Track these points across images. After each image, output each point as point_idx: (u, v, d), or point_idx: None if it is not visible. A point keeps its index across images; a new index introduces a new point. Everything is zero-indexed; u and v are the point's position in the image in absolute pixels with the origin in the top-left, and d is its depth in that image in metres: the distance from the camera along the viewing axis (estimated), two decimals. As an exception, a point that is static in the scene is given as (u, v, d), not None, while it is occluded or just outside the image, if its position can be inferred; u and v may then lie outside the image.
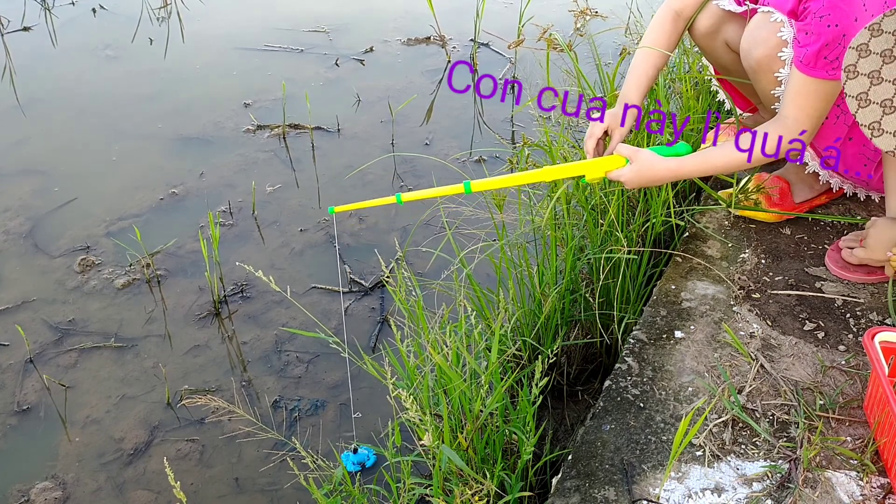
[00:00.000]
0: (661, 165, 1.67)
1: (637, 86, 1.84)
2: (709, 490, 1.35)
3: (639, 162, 1.65)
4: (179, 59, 3.58)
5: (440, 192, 1.64)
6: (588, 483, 1.38)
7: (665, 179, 1.70)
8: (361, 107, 3.22)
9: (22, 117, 3.14)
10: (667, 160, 1.68)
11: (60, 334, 2.18)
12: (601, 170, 1.68)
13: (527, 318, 1.81)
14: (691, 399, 1.52)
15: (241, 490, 1.80)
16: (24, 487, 1.81)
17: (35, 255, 2.45)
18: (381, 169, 2.83)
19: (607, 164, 1.68)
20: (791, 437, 1.44)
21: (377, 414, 1.93)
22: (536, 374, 1.44)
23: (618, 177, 1.67)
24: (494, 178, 1.67)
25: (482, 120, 3.15)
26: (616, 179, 1.68)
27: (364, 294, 2.31)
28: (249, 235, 2.54)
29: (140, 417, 1.96)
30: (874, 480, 1.35)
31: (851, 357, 1.59)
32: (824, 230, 1.96)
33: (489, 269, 1.99)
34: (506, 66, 3.47)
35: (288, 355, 2.12)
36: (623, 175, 1.66)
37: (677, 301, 1.76)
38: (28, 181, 2.76)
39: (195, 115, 3.15)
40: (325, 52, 3.62)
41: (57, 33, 3.75)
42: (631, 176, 1.66)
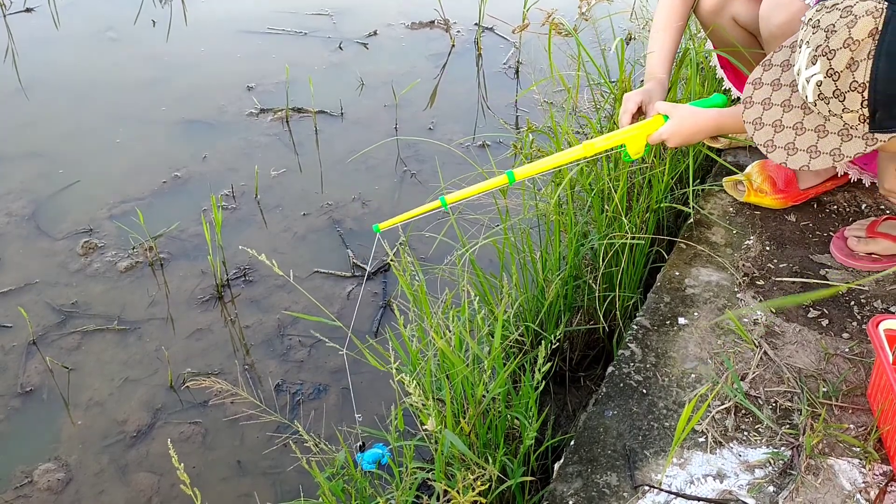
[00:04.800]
0: (703, 116, 1.64)
1: (661, 60, 1.82)
2: (711, 476, 1.35)
3: (678, 116, 1.63)
4: (182, 41, 3.57)
5: (484, 187, 1.58)
6: (590, 468, 1.38)
7: (707, 131, 1.67)
8: (365, 91, 3.20)
9: (24, 100, 3.13)
10: (707, 111, 1.65)
11: (63, 317, 2.18)
12: (642, 135, 1.64)
13: (530, 304, 1.81)
14: (694, 385, 1.52)
15: (243, 473, 1.81)
16: (28, 469, 1.81)
17: (38, 238, 2.45)
18: (384, 153, 2.82)
19: (647, 129, 1.64)
20: (794, 424, 1.43)
21: (380, 398, 1.93)
22: (539, 360, 1.44)
23: (659, 136, 1.64)
24: (535, 163, 1.61)
25: (486, 105, 3.13)
26: (658, 140, 1.64)
27: (367, 278, 2.31)
28: (252, 219, 2.54)
29: (143, 400, 1.97)
30: (877, 468, 1.35)
31: (855, 345, 1.59)
32: (829, 217, 1.95)
33: (492, 254, 1.99)
34: (510, 51, 3.45)
35: (290, 339, 2.12)
36: (664, 132, 1.63)
37: (681, 288, 1.75)
38: (31, 164, 2.76)
39: (198, 98, 3.13)
40: (329, 36, 3.60)
41: (59, 14, 3.73)
42: (673, 130, 1.63)
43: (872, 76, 1.23)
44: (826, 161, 1.35)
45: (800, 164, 1.37)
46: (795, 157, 1.38)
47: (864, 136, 1.31)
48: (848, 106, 1.28)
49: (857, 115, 1.28)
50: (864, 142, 1.32)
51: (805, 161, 1.37)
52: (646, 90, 1.75)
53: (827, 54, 1.26)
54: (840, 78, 1.26)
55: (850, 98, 1.27)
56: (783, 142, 1.39)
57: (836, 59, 1.25)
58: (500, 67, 3.36)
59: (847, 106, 1.28)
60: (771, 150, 1.40)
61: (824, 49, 1.26)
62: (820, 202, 1.99)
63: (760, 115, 1.42)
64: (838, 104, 1.29)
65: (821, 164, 1.35)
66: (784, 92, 1.41)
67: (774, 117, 1.41)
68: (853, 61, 1.24)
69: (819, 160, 1.36)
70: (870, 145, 1.32)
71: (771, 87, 1.43)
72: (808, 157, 1.37)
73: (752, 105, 1.44)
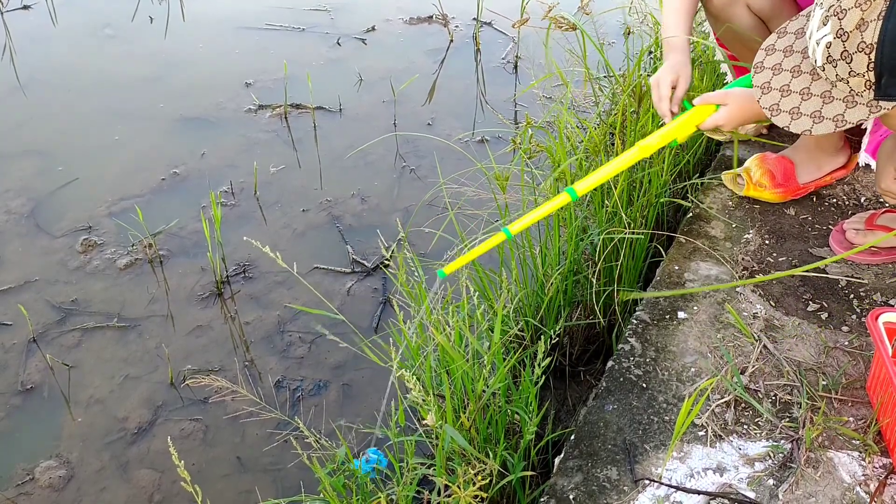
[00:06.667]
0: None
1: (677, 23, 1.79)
2: (711, 470, 1.35)
3: (734, 101, 1.62)
4: (180, 38, 3.56)
5: (546, 210, 1.52)
6: (590, 463, 1.38)
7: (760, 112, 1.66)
8: (363, 86, 3.20)
9: (22, 97, 3.12)
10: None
11: (63, 314, 2.18)
12: (692, 127, 1.63)
13: (529, 299, 1.81)
14: (694, 380, 1.52)
15: (244, 469, 1.81)
16: (29, 466, 1.82)
17: (37, 236, 2.44)
18: (383, 149, 2.81)
19: (696, 119, 1.63)
20: (793, 417, 1.44)
21: (379, 394, 1.93)
22: (539, 355, 1.44)
23: (714, 122, 1.63)
24: (595, 174, 1.57)
25: (485, 100, 3.13)
26: (712, 126, 1.64)
27: (366, 274, 2.31)
28: (251, 216, 2.54)
29: (143, 397, 1.97)
30: (876, 461, 1.35)
31: (855, 338, 1.59)
32: (829, 211, 1.95)
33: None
34: (509, 46, 3.44)
35: (290, 336, 2.12)
36: (720, 117, 1.63)
37: (681, 282, 1.75)
38: (29, 161, 2.75)
39: (196, 95, 3.13)
40: (327, 32, 3.59)
41: (57, 11, 3.72)
42: (729, 116, 1.63)
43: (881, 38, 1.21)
44: (828, 126, 1.34)
45: (802, 129, 1.37)
46: (799, 122, 1.37)
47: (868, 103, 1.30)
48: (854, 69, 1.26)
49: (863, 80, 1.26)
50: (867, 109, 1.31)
51: (808, 126, 1.36)
52: (672, 68, 1.73)
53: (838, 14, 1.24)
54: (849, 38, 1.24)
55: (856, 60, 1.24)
56: (788, 106, 1.39)
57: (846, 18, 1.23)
58: (498, 62, 3.36)
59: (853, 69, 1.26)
60: (775, 113, 1.40)
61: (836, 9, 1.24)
62: (819, 196, 1.99)
63: (769, 79, 1.42)
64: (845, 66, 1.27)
65: (823, 130, 1.35)
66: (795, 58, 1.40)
67: (782, 82, 1.40)
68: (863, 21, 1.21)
69: (822, 125, 1.35)
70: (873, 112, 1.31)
71: (783, 54, 1.42)
72: (811, 122, 1.36)
73: (762, 70, 1.43)
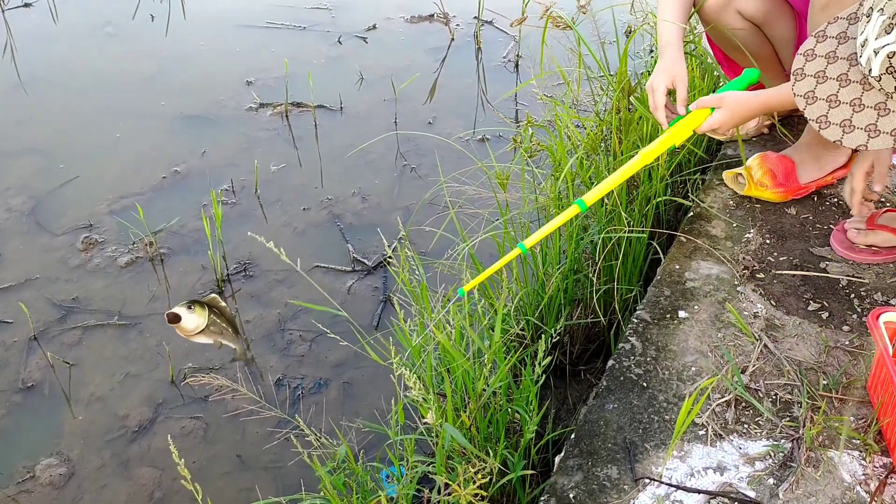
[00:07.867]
0: (753, 101, 1.64)
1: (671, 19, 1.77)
2: (711, 469, 1.35)
3: (728, 105, 1.62)
4: (181, 36, 3.56)
5: (558, 222, 1.52)
6: (591, 462, 1.38)
7: (756, 113, 1.67)
8: (364, 85, 3.20)
9: (23, 95, 3.12)
10: (755, 95, 1.65)
11: (64, 312, 2.18)
12: (689, 130, 1.65)
13: (530, 298, 1.81)
14: (694, 379, 1.52)
15: (244, 467, 1.81)
16: (29, 464, 1.82)
17: (38, 234, 2.45)
18: (383, 148, 2.81)
19: (693, 123, 1.65)
20: (794, 416, 1.44)
21: (380, 392, 1.93)
22: (539, 353, 1.44)
23: (710, 125, 1.64)
24: (601, 185, 1.57)
25: (485, 99, 3.13)
26: (708, 129, 1.65)
27: (367, 273, 2.31)
28: (252, 214, 2.54)
29: (144, 395, 1.97)
30: (877, 460, 1.35)
31: (855, 337, 1.59)
32: (829, 210, 1.95)
33: (492, 248, 1.99)
34: (510, 45, 3.44)
35: (291, 334, 2.12)
36: (715, 121, 1.63)
37: (681, 281, 1.75)
38: (30, 160, 2.76)
39: (197, 93, 3.13)
40: (328, 30, 3.59)
41: (58, 9, 3.72)
42: (724, 119, 1.63)
43: None
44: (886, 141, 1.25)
45: (857, 144, 1.28)
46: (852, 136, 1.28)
47: None
48: None
49: None
50: None
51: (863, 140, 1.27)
52: (667, 70, 1.72)
53: None
54: None
55: None
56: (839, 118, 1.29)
57: None
58: (499, 61, 3.36)
59: None
60: (825, 126, 1.31)
61: None
62: (820, 195, 1.99)
63: (813, 88, 1.33)
64: None
65: (881, 144, 1.26)
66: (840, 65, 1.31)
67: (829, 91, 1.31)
68: None
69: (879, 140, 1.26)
70: None
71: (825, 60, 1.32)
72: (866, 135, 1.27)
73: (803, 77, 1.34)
